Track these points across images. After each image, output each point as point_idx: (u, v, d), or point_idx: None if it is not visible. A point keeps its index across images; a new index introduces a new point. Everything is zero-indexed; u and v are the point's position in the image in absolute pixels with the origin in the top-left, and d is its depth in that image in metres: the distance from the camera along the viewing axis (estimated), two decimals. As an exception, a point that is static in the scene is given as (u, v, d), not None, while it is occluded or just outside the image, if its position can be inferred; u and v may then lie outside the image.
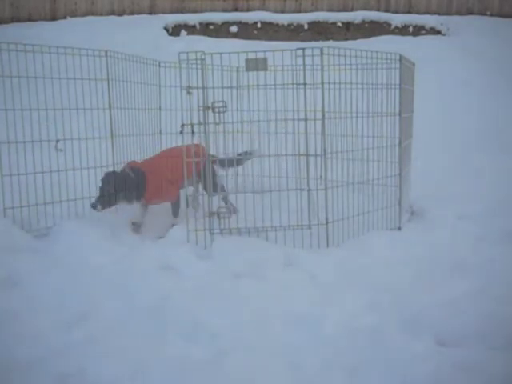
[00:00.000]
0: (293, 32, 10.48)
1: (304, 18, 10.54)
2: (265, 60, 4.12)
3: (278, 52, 4.09)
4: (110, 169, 4.65)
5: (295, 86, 4.13)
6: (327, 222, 4.25)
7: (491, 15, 10.66)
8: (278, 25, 10.50)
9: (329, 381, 2.58)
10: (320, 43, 9.61)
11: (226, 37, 10.19)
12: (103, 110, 4.82)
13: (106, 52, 4.76)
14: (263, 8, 10.68)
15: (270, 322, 3.06)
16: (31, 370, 2.56)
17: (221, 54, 4.13)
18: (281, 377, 2.59)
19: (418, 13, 10.71)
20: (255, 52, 4.15)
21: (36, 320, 2.97)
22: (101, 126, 4.82)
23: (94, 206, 4.34)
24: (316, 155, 4.22)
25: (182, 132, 4.28)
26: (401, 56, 4.61)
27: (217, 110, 4.15)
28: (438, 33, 10.35)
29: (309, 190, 4.23)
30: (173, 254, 3.80)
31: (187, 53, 4.04)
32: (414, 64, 5.36)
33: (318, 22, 10.53)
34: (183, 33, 10.22)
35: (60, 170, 4.55)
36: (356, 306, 3.27)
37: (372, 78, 4.56)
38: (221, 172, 4.71)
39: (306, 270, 3.77)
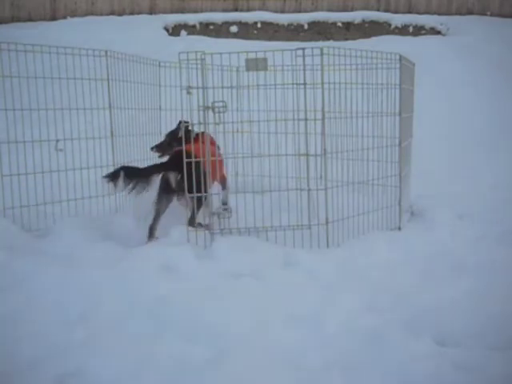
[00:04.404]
0: (293, 32, 10.48)
1: (304, 17, 10.55)
2: (265, 60, 4.12)
3: (278, 52, 4.08)
4: (110, 169, 4.59)
5: (295, 86, 4.13)
6: (327, 222, 4.25)
7: (491, 15, 10.67)
8: (278, 25, 10.50)
9: (329, 381, 2.57)
10: (320, 43, 9.61)
11: (226, 37, 10.20)
12: (103, 110, 4.82)
13: (106, 52, 4.76)
14: (263, 8, 10.69)
15: (270, 321, 3.06)
16: (31, 370, 2.56)
17: (221, 54, 4.12)
18: (281, 377, 2.59)
19: (418, 13, 10.72)
20: (255, 52, 4.15)
21: (36, 320, 2.97)
22: (101, 126, 4.82)
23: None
24: (316, 155, 4.22)
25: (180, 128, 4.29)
26: (401, 56, 4.61)
27: (217, 109, 4.14)
28: (438, 33, 10.36)
29: (309, 189, 4.23)
30: (173, 254, 3.80)
31: (187, 53, 4.03)
32: (414, 64, 5.36)
33: (318, 22, 10.53)
34: (183, 33, 10.23)
35: (60, 169, 4.55)
36: (356, 306, 3.27)
37: (372, 78, 4.56)
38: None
39: (306, 270, 3.77)
